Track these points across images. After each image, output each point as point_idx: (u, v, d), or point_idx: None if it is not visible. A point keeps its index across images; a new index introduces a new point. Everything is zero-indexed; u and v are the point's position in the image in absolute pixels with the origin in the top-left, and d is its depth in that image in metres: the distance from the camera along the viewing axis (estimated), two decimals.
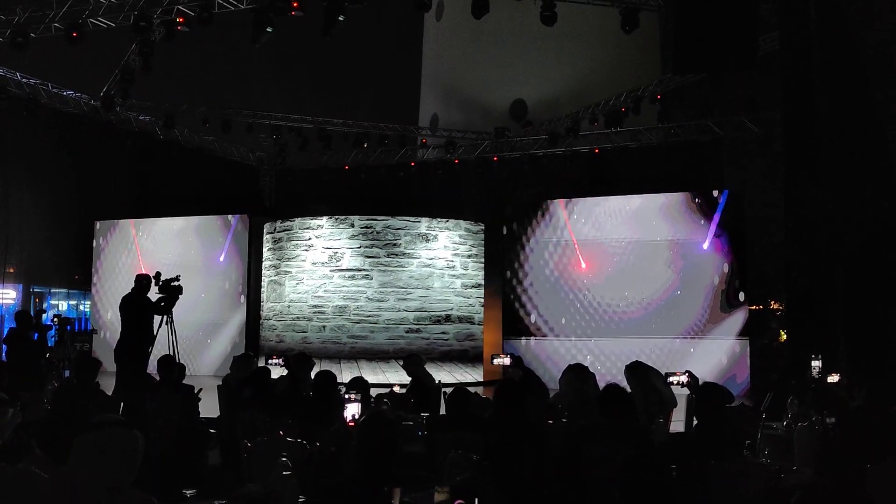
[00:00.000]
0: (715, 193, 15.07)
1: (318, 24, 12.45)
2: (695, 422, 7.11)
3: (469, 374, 15.82)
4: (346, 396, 5.72)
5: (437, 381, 8.69)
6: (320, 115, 20.14)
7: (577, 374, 7.19)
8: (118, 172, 19.53)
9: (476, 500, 1.77)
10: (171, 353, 9.11)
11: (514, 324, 16.09)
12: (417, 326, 15.75)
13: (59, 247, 18.59)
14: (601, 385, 6.77)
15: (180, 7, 12.99)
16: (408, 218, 16.16)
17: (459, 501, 1.75)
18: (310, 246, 16.16)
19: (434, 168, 20.89)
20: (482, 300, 16.71)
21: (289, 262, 16.33)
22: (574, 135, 18.90)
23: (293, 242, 16.36)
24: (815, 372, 7.70)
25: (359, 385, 7.13)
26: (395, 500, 1.62)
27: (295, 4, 12.02)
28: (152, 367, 8.84)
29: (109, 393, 8.33)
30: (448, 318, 15.98)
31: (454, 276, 16.22)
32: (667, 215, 15.19)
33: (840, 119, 10.42)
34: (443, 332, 15.90)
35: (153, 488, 3.41)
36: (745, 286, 14.58)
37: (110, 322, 17.12)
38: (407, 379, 8.71)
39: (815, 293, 9.56)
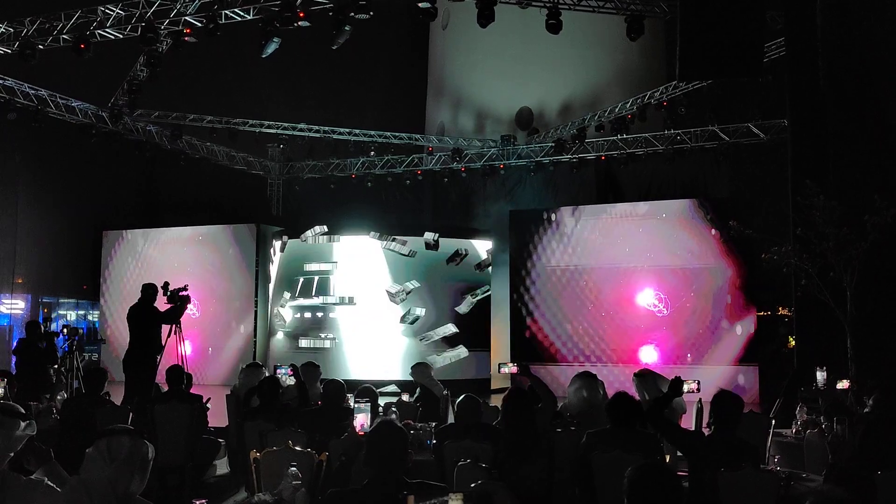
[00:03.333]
0: (723, 199, 15.07)
1: (325, 34, 12.49)
2: (704, 429, 7.09)
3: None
4: (357, 405, 5.72)
5: (444, 390, 8.69)
6: (327, 124, 20.19)
7: (586, 382, 7.17)
8: (126, 182, 19.61)
9: None
10: (180, 363, 9.13)
11: (521, 333, 16.10)
12: (425, 338, 15.82)
13: (67, 257, 18.64)
14: (610, 392, 6.76)
15: (187, 18, 13.05)
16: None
17: None
18: (321, 262, 16.25)
19: (440, 176, 20.92)
20: (490, 310, 16.74)
21: (301, 276, 16.45)
22: (580, 142, 18.91)
23: (304, 258, 16.47)
24: (820, 383, 7.67)
25: (367, 394, 7.13)
26: None
27: (301, 15, 12.06)
28: (161, 377, 8.85)
29: (118, 403, 8.35)
30: (458, 330, 16.04)
31: (466, 289, 16.30)
32: (674, 222, 15.17)
33: (847, 125, 10.40)
34: (452, 344, 15.95)
35: (162, 498, 3.43)
36: (753, 292, 14.53)
37: (119, 332, 17.15)
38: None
39: (823, 300, 9.53)
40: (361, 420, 5.27)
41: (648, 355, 14.82)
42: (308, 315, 16.51)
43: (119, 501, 2.97)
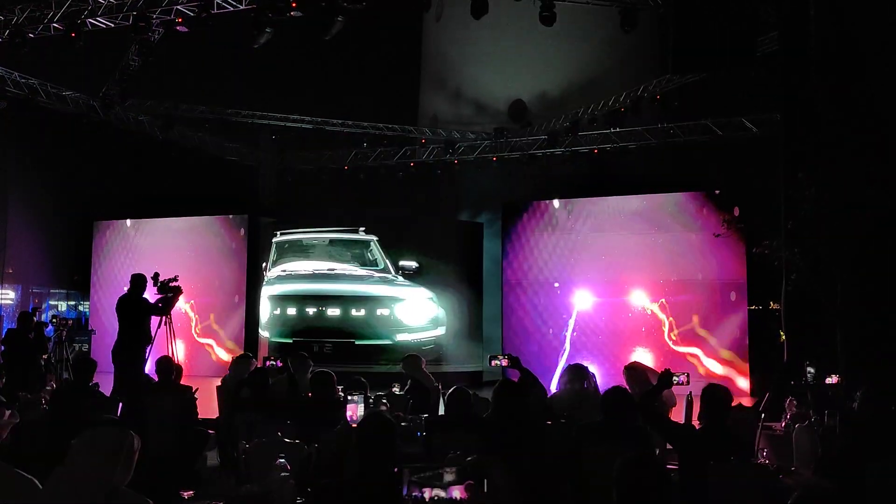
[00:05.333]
0: (715, 193, 15.06)
1: (318, 24, 12.43)
2: (693, 422, 7.11)
3: None
4: (350, 397, 5.74)
5: (435, 382, 8.69)
6: (319, 116, 20.13)
7: (576, 374, 7.19)
8: (117, 173, 19.51)
9: (485, 480, 1.78)
10: (170, 354, 9.11)
11: (514, 325, 16.10)
12: (407, 329, 15.83)
13: (57, 247, 18.57)
14: (601, 386, 6.77)
15: (179, 7, 12.98)
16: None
17: (469, 482, 1.76)
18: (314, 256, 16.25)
19: (433, 168, 20.88)
20: (482, 301, 16.73)
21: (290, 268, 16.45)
22: (573, 135, 18.91)
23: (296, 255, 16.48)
24: (810, 377, 7.70)
25: (357, 386, 7.13)
26: (405, 481, 1.64)
27: (294, 5, 12.01)
28: (150, 368, 8.83)
29: (107, 393, 8.33)
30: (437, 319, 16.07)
31: (446, 279, 16.28)
32: (666, 216, 15.16)
33: (839, 119, 10.40)
34: (432, 334, 15.94)
35: (150, 489, 3.41)
36: (744, 286, 14.54)
37: (109, 323, 17.09)
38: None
39: (813, 294, 9.55)
40: (353, 410, 5.27)
41: (641, 349, 14.84)
42: (293, 312, 16.48)
43: (105, 493, 2.96)
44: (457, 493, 1.68)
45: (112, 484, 2.99)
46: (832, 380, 7.59)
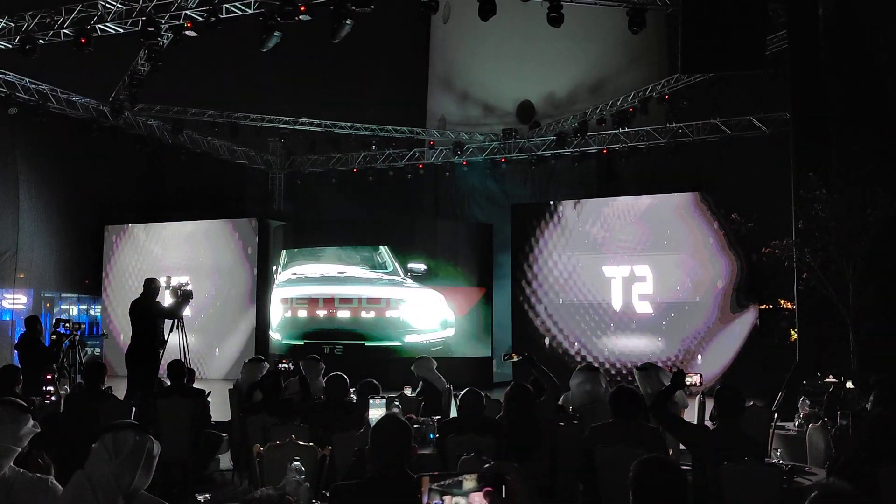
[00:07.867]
0: (724, 193, 15.03)
1: (326, 27, 12.46)
2: (706, 422, 7.10)
3: None
4: (371, 400, 5.75)
5: (447, 384, 8.69)
6: (328, 118, 20.17)
7: (588, 376, 7.19)
8: (127, 177, 19.58)
9: (503, 487, 1.79)
10: (182, 358, 9.14)
11: (524, 327, 16.10)
12: (416, 330, 15.85)
13: (68, 251, 18.62)
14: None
15: (188, 12, 13.04)
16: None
17: (488, 488, 1.76)
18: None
19: (442, 170, 20.91)
20: (492, 303, 16.72)
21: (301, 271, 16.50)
22: (582, 135, 18.90)
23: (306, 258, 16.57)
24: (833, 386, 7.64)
25: (369, 388, 7.14)
26: (424, 489, 1.64)
27: (302, 9, 12.04)
28: (163, 372, 8.87)
29: (121, 397, 8.37)
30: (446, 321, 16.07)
31: (456, 281, 16.27)
32: (676, 215, 15.13)
33: (849, 118, 10.39)
34: (441, 335, 15.96)
35: (166, 492, 3.43)
36: (754, 285, 14.50)
37: (121, 326, 17.16)
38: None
39: (825, 293, 9.53)
40: (377, 413, 5.29)
41: (651, 350, 14.81)
42: (304, 314, 16.51)
43: (124, 496, 2.98)
44: (477, 499, 1.69)
45: (132, 488, 3.00)
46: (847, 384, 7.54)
